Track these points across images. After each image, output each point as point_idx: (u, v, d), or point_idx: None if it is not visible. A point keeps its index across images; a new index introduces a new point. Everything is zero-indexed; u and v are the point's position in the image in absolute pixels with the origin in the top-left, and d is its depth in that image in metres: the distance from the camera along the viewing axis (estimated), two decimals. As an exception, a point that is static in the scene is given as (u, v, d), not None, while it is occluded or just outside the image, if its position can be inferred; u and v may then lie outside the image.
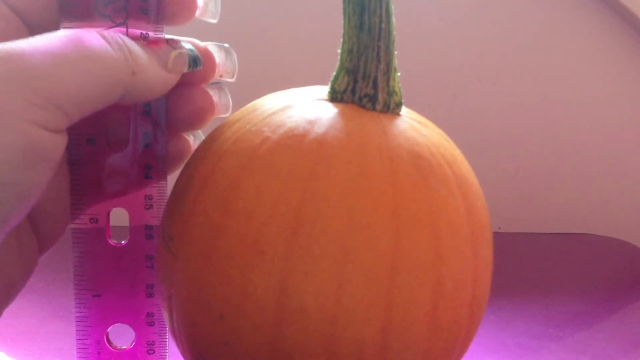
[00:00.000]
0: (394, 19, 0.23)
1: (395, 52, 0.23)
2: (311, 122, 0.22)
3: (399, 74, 0.24)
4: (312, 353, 0.20)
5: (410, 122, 0.23)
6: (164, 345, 0.27)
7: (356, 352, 0.20)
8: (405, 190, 0.21)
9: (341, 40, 0.23)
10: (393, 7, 0.23)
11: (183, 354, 0.24)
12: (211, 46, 0.25)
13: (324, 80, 0.25)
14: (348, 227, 0.20)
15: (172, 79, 0.22)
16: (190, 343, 0.22)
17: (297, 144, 0.21)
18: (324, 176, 0.20)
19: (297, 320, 0.20)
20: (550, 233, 0.60)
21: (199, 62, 0.24)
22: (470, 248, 0.22)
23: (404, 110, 0.25)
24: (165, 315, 0.24)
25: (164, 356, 0.27)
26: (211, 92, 0.25)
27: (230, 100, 0.26)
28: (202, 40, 0.25)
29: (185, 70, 0.23)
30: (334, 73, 0.24)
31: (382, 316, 0.20)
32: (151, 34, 0.24)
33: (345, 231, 0.20)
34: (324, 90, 0.24)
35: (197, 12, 0.24)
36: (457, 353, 0.23)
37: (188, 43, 0.24)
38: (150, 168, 0.26)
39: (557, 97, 0.61)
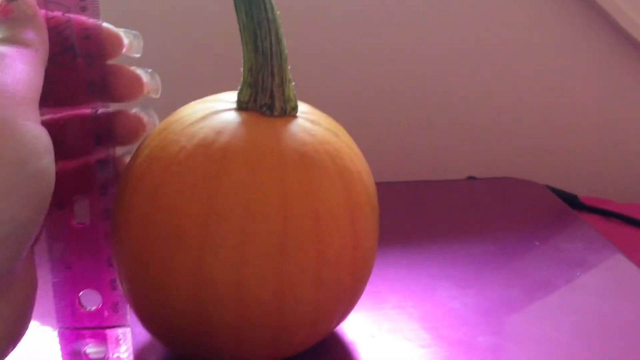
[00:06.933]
0: (284, 41, 0.28)
1: (289, 67, 0.29)
2: (218, 132, 0.27)
3: (293, 83, 0.29)
4: (225, 312, 0.27)
5: (302, 124, 0.29)
6: (125, 305, 0.33)
7: (259, 311, 0.27)
8: (292, 184, 0.27)
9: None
10: (283, 31, 0.28)
11: (133, 310, 0.30)
12: (139, 70, 0.30)
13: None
14: (245, 216, 0.26)
15: None
16: (133, 305, 0.29)
17: (205, 152, 0.27)
18: (226, 176, 0.26)
19: (210, 289, 0.26)
20: (467, 178, 0.60)
21: None
22: (349, 224, 0.28)
23: (304, 109, 0.30)
24: (119, 282, 0.30)
25: (125, 314, 0.33)
26: (141, 115, 0.30)
27: (157, 118, 0.31)
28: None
29: None
30: (239, 86, 0.29)
31: (275, 281, 0.26)
32: None
33: (244, 219, 0.26)
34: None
35: (124, 50, 0.29)
36: (345, 305, 0.29)
37: None
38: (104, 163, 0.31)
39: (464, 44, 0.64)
